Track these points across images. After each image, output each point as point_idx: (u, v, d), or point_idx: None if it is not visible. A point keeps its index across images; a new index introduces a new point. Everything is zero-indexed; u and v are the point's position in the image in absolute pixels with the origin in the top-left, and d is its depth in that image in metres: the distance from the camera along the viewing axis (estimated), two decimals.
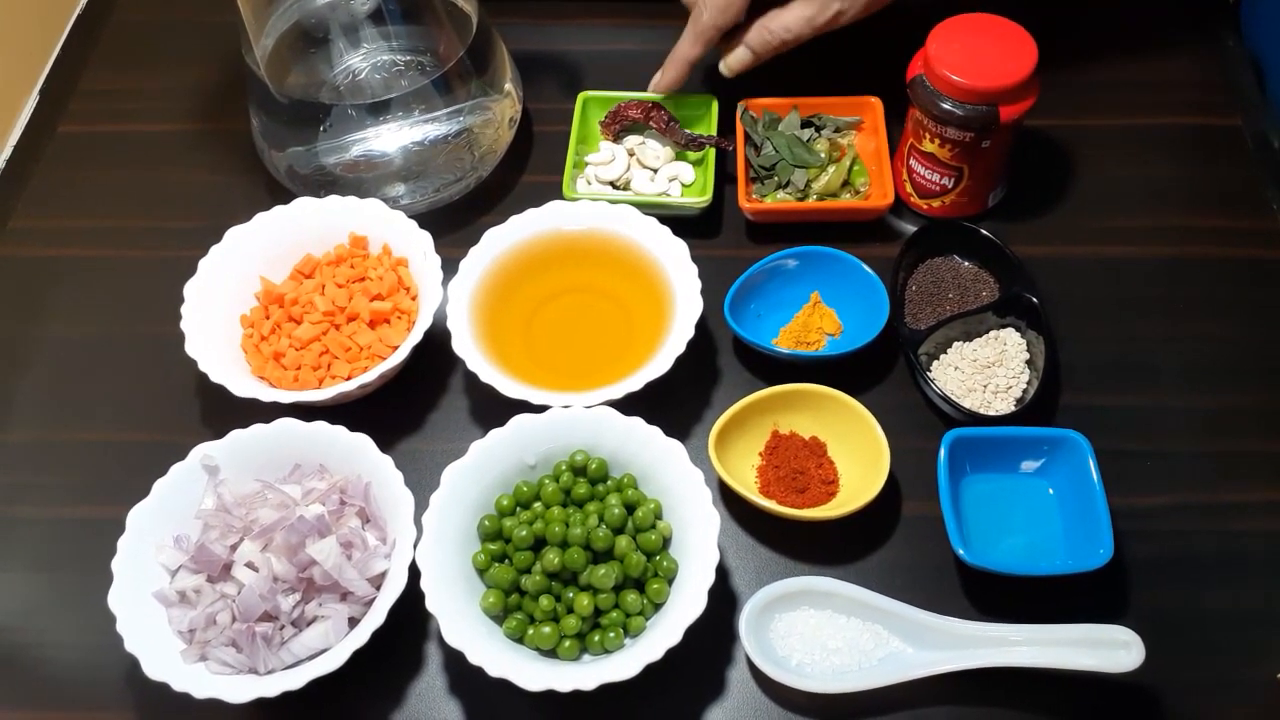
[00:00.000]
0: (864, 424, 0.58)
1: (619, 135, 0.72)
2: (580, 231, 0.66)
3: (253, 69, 0.67)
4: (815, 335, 0.64)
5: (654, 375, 0.58)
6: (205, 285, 0.63)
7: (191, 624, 0.53)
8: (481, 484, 0.56)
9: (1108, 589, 0.56)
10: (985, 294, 0.65)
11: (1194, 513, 0.59)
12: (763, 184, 0.70)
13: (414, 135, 0.68)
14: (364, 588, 0.53)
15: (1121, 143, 0.74)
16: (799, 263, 0.65)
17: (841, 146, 0.70)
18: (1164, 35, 0.79)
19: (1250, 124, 0.74)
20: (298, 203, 0.66)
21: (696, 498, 0.54)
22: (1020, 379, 0.61)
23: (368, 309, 0.63)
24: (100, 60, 0.82)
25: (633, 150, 0.72)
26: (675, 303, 0.63)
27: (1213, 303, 0.66)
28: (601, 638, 0.53)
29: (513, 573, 0.54)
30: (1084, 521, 0.55)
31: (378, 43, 0.72)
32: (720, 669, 0.55)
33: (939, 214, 0.69)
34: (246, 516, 0.55)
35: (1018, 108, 0.62)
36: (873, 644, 0.54)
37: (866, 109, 0.71)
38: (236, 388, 0.59)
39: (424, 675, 0.55)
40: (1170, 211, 0.70)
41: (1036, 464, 0.58)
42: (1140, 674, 0.51)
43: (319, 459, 0.57)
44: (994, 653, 0.52)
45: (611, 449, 0.57)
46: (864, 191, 0.69)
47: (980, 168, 0.66)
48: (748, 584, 0.57)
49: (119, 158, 0.76)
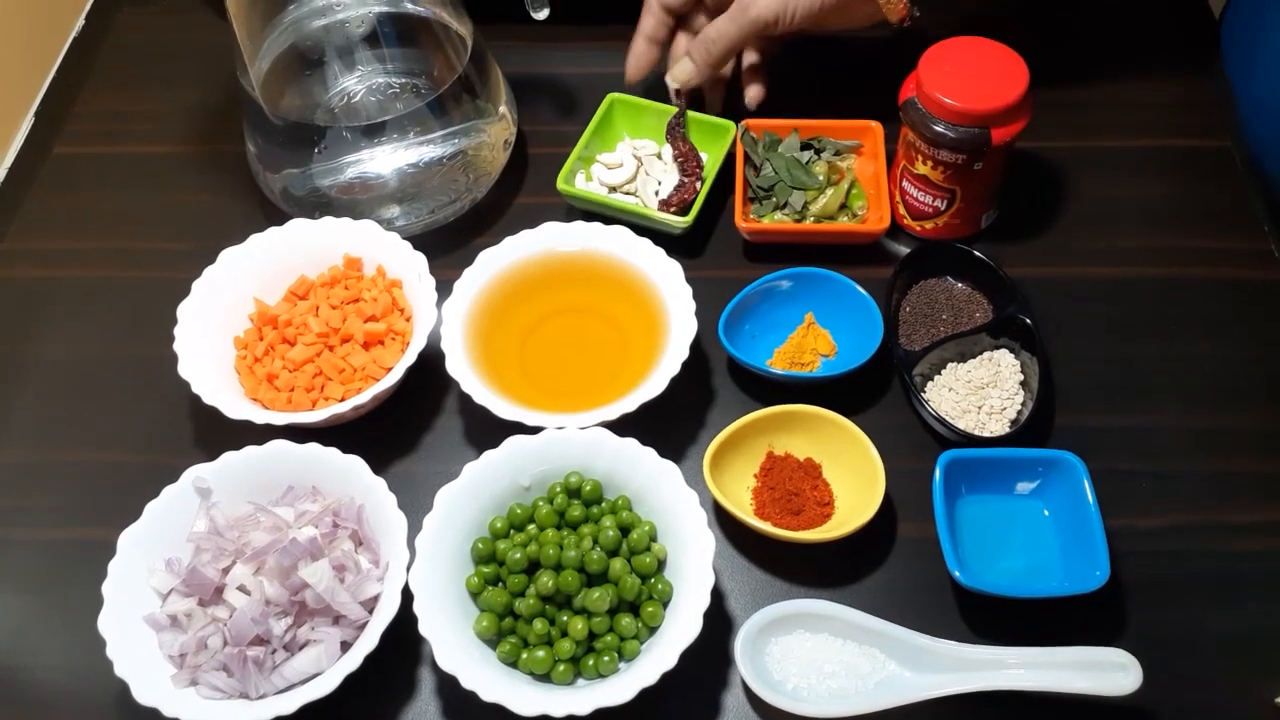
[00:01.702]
0: (859, 445, 0.58)
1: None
2: (574, 253, 0.66)
3: (248, 91, 0.67)
4: (809, 356, 0.64)
5: (648, 396, 0.58)
6: (199, 307, 0.63)
7: (182, 648, 0.52)
8: (475, 506, 0.56)
9: (1105, 611, 0.56)
10: (979, 315, 0.65)
11: (1191, 533, 0.59)
12: (760, 204, 0.70)
13: (409, 157, 0.68)
14: (357, 611, 0.53)
15: (1113, 164, 0.74)
16: (793, 284, 0.66)
17: (841, 169, 0.71)
18: (1153, 58, 0.80)
19: (1239, 145, 0.74)
20: (292, 224, 0.66)
21: (691, 519, 0.54)
22: (1015, 400, 0.61)
23: (362, 330, 0.63)
24: (96, 82, 0.82)
25: (641, 160, 0.72)
26: (670, 324, 0.63)
27: (1205, 323, 0.67)
28: (596, 662, 0.52)
29: (507, 596, 0.54)
30: (1080, 543, 0.55)
31: (373, 65, 0.72)
32: (716, 693, 0.54)
33: (932, 235, 0.69)
34: (239, 539, 0.55)
35: (1009, 130, 0.62)
36: (869, 667, 0.53)
37: (867, 133, 0.71)
38: (229, 409, 0.59)
39: (417, 700, 0.55)
40: (1162, 233, 0.71)
41: (1032, 485, 0.58)
42: (1138, 697, 0.50)
43: (312, 481, 0.57)
44: (991, 675, 0.52)
45: (606, 471, 0.57)
46: (862, 215, 0.69)
47: (973, 190, 0.66)
48: (743, 607, 0.57)
49: (114, 179, 0.76)
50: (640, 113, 0.74)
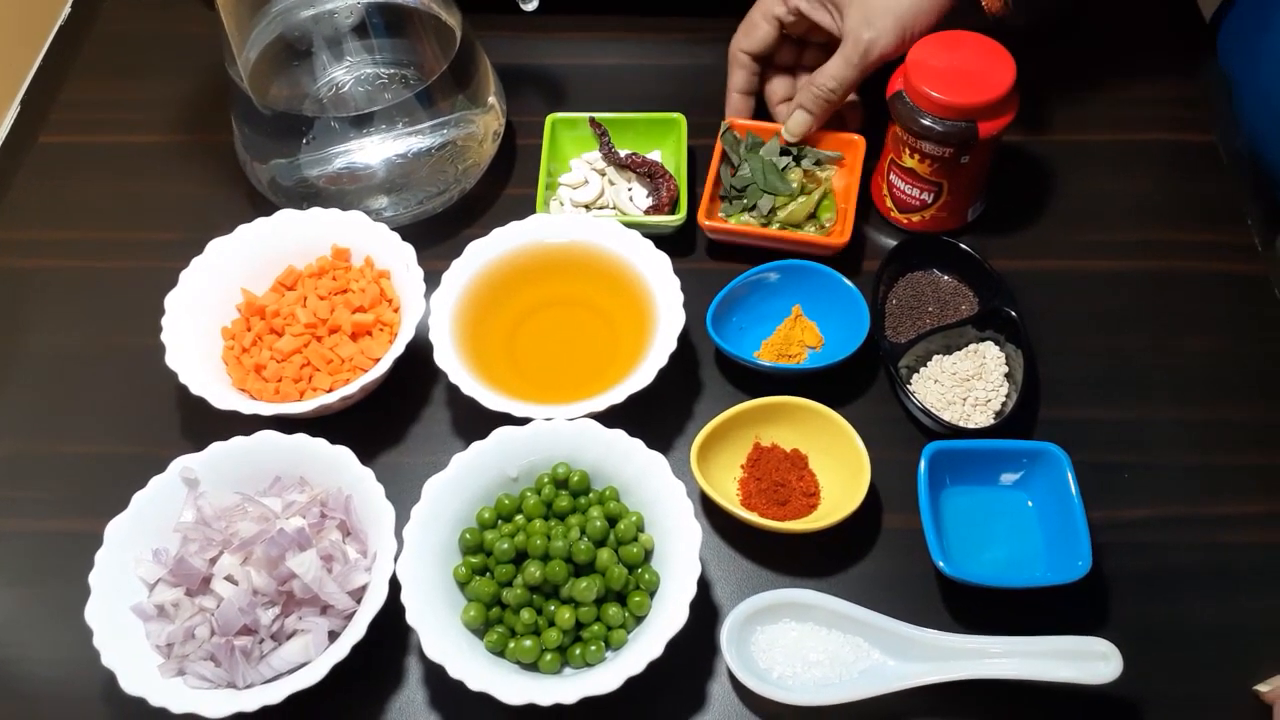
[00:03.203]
0: (845, 437, 0.58)
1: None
2: (563, 244, 0.66)
3: (235, 81, 0.67)
4: (797, 348, 0.65)
5: (636, 388, 0.58)
6: (186, 297, 0.63)
7: (170, 638, 0.52)
8: (463, 497, 0.56)
9: (1087, 601, 0.56)
10: (965, 308, 0.66)
11: (1174, 525, 0.59)
12: (730, 204, 0.70)
13: (397, 148, 0.68)
14: (344, 601, 0.53)
15: (1099, 158, 0.74)
16: (781, 276, 0.66)
17: (818, 179, 0.70)
18: (1140, 52, 0.80)
19: (1225, 140, 0.75)
20: (280, 215, 0.66)
21: (678, 510, 0.54)
22: (999, 392, 0.62)
23: (350, 321, 0.63)
24: (82, 71, 0.82)
25: (603, 170, 0.72)
26: (658, 315, 0.63)
27: (1190, 316, 0.67)
28: (583, 651, 0.53)
29: (494, 586, 0.54)
30: (1063, 534, 0.56)
31: (361, 55, 0.72)
32: (702, 682, 0.55)
33: (919, 228, 0.70)
34: (226, 529, 0.55)
35: (996, 123, 0.63)
36: (854, 656, 0.54)
37: (850, 146, 0.70)
38: (217, 400, 0.59)
39: (404, 689, 0.55)
40: (1148, 226, 0.71)
41: (1016, 476, 0.59)
42: (1119, 685, 0.51)
43: (300, 472, 0.57)
44: (974, 664, 0.52)
45: (594, 461, 0.57)
46: (829, 227, 0.69)
47: (960, 183, 0.66)
48: (729, 596, 0.57)
49: (100, 169, 0.76)
50: (578, 126, 0.73)
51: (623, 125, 0.72)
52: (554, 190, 0.72)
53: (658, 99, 0.74)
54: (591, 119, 0.72)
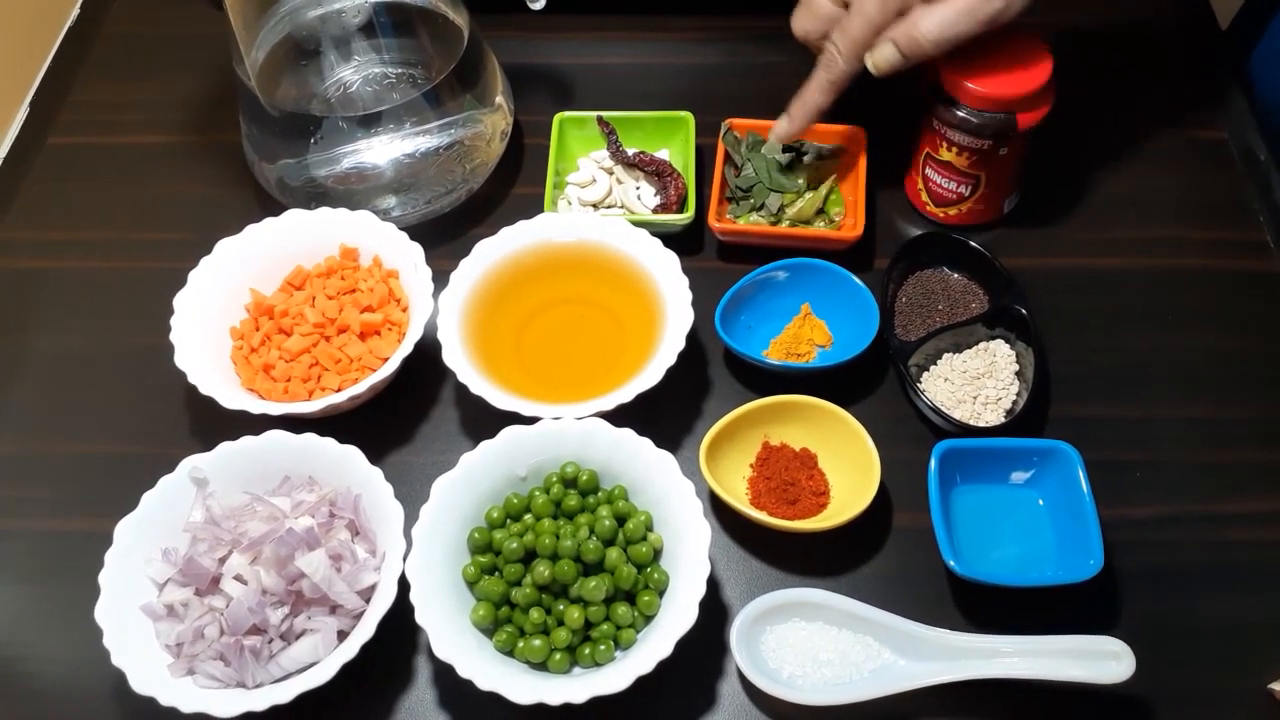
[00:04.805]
0: (854, 435, 0.58)
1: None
2: (571, 243, 0.66)
3: (243, 81, 0.67)
4: (806, 347, 0.65)
5: (645, 387, 0.58)
6: (195, 297, 0.63)
7: (179, 637, 0.52)
8: (472, 496, 0.56)
9: (1099, 600, 0.56)
10: (975, 306, 0.65)
11: (1185, 523, 0.59)
12: (738, 204, 0.70)
13: (405, 147, 0.68)
14: (353, 601, 0.53)
15: (1110, 156, 0.74)
16: (790, 274, 0.66)
17: (822, 174, 0.70)
18: (1151, 50, 0.80)
19: (1236, 138, 0.74)
20: (288, 215, 0.66)
21: (687, 509, 0.54)
22: (1010, 390, 0.62)
23: (358, 321, 0.63)
24: (91, 72, 0.82)
25: (611, 169, 0.72)
26: (666, 314, 0.63)
27: (1201, 313, 0.67)
28: (592, 650, 0.53)
29: (503, 585, 0.54)
30: (1074, 532, 0.55)
31: (369, 55, 0.72)
32: (711, 681, 0.55)
33: (955, 222, 0.69)
34: (235, 529, 0.55)
35: (1035, 114, 0.62)
36: (864, 656, 0.54)
37: (852, 138, 0.70)
38: (226, 400, 0.59)
39: (413, 689, 0.55)
40: (1159, 224, 0.71)
41: (1026, 475, 0.58)
42: (1131, 685, 0.51)
43: (308, 471, 0.57)
44: (985, 664, 0.52)
45: (602, 460, 0.57)
46: (838, 221, 0.69)
47: (997, 175, 0.66)
48: (739, 596, 0.57)
49: (109, 169, 0.76)
50: (586, 125, 0.73)
51: (630, 124, 0.72)
52: (562, 189, 0.72)
53: (665, 98, 0.74)
54: (599, 118, 0.72)
